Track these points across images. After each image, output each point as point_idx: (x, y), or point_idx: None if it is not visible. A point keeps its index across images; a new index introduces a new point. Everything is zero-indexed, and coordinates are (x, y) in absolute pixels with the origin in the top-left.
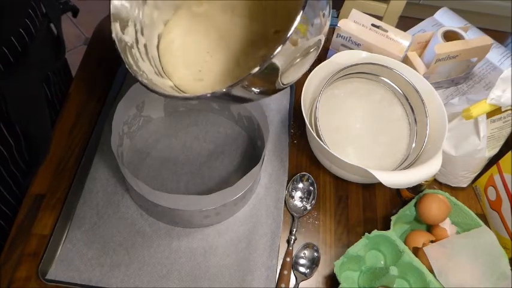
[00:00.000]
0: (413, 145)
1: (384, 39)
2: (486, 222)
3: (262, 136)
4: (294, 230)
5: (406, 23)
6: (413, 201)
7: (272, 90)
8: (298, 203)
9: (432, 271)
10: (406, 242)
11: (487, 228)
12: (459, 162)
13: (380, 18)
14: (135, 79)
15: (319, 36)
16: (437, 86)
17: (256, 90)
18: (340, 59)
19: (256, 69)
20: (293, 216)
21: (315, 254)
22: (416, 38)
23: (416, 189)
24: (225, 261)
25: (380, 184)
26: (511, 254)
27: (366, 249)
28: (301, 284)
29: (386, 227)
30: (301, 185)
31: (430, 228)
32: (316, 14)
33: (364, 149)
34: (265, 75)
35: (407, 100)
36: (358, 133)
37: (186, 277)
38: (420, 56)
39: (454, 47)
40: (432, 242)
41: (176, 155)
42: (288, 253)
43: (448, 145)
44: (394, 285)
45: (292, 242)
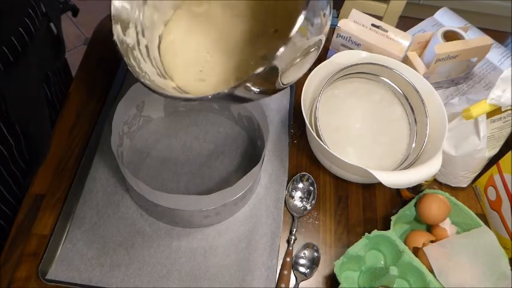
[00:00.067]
0: (413, 145)
1: (384, 39)
2: (486, 222)
3: (262, 136)
4: (294, 230)
5: (406, 23)
6: (413, 201)
7: (272, 90)
8: (298, 203)
9: (432, 271)
10: (406, 242)
11: (487, 228)
12: (459, 162)
13: (380, 18)
14: (136, 79)
15: (320, 36)
16: (437, 86)
17: (256, 90)
18: (340, 59)
19: (260, 69)
20: (293, 216)
21: (315, 254)
22: (416, 38)
23: (416, 189)
24: (225, 261)
25: (380, 184)
26: (511, 254)
27: (366, 249)
28: (301, 284)
29: (387, 227)
30: (301, 185)
31: (430, 228)
32: (316, 14)
33: (364, 149)
34: (265, 76)
35: (407, 100)
36: (358, 133)
37: (186, 277)
38: (420, 56)
39: (454, 47)
40: (432, 242)
41: (176, 155)
42: (288, 253)
43: (448, 145)
44: (394, 285)
45: (292, 242)
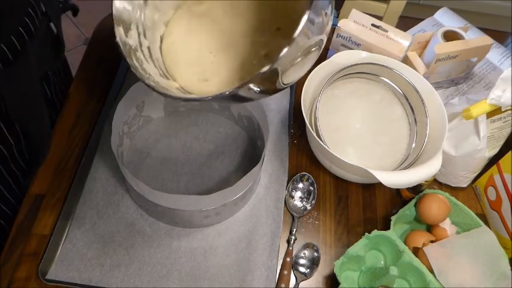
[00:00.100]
0: (413, 145)
1: (384, 39)
2: (486, 222)
3: (262, 136)
4: (294, 230)
5: (406, 23)
6: (413, 201)
7: (273, 90)
8: (298, 203)
9: (432, 271)
10: (406, 242)
11: (487, 228)
12: (459, 162)
13: (380, 18)
14: (136, 79)
15: (321, 36)
16: (437, 86)
17: (257, 90)
18: (340, 59)
19: (265, 68)
20: (293, 216)
21: (315, 254)
22: (416, 38)
23: (416, 189)
24: (225, 261)
25: (380, 184)
26: (511, 254)
27: (366, 249)
28: (301, 284)
29: (386, 227)
30: (301, 185)
31: (430, 228)
32: (318, 13)
33: (364, 149)
34: (267, 75)
35: (407, 100)
36: (358, 133)
37: (186, 277)
38: (420, 56)
39: (454, 47)
40: (432, 242)
41: (176, 155)
42: (288, 253)
43: (448, 145)
44: (394, 285)
45: (292, 242)
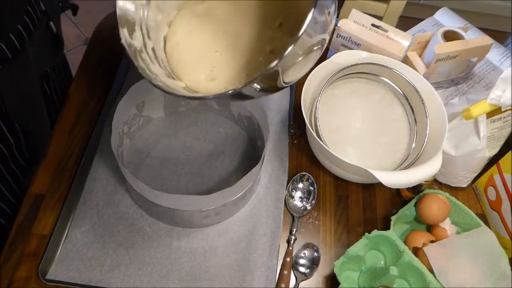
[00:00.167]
0: (413, 145)
1: (384, 39)
2: (486, 222)
3: (262, 136)
4: (294, 230)
5: (406, 23)
6: (413, 201)
7: (274, 88)
8: (298, 203)
9: (432, 271)
10: (406, 242)
11: (487, 228)
12: (459, 162)
13: (380, 18)
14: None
15: (323, 35)
16: (437, 86)
17: (258, 88)
18: (340, 59)
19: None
20: (293, 216)
21: (315, 254)
22: (416, 38)
23: (416, 189)
24: (225, 261)
25: (380, 184)
26: (511, 254)
27: (366, 249)
28: (301, 284)
29: (386, 227)
30: (301, 185)
31: (430, 228)
32: (321, 11)
33: (364, 149)
34: (269, 73)
35: (407, 100)
36: (358, 133)
37: (186, 277)
38: (420, 56)
39: (454, 47)
40: (432, 242)
41: (176, 155)
42: (288, 253)
43: (448, 145)
44: (394, 285)
45: (292, 242)
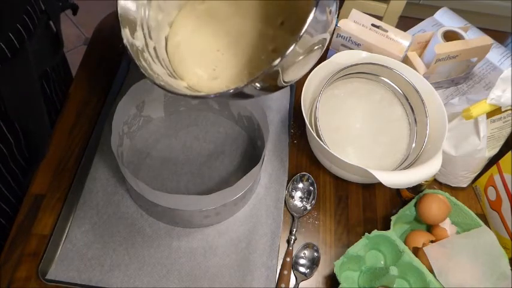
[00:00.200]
0: (413, 145)
1: (384, 39)
2: (486, 222)
3: (262, 136)
4: (294, 230)
5: (406, 23)
6: (413, 201)
7: (274, 87)
8: (298, 203)
9: (432, 271)
10: (406, 242)
11: (487, 228)
12: (459, 162)
13: (380, 18)
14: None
15: (324, 34)
16: (437, 86)
17: (259, 87)
18: (340, 59)
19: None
20: (293, 216)
21: (315, 254)
22: (416, 38)
23: (416, 189)
24: (225, 261)
25: (380, 184)
26: (511, 254)
27: (366, 249)
28: (301, 284)
29: (386, 227)
30: (301, 185)
31: (430, 228)
32: (323, 10)
33: (364, 149)
34: (270, 72)
35: (407, 100)
36: (358, 133)
37: (186, 277)
38: (420, 56)
39: (454, 47)
40: (432, 242)
41: (176, 155)
42: (288, 253)
43: (448, 145)
44: (394, 285)
45: (292, 242)
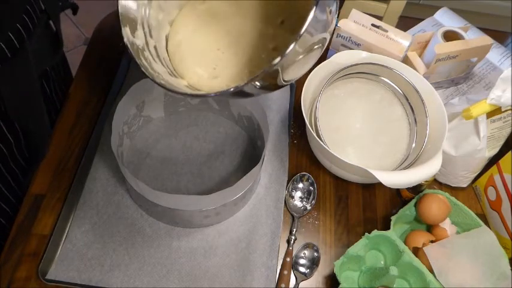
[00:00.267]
0: (413, 145)
1: (384, 39)
2: (486, 222)
3: (262, 136)
4: (294, 230)
5: (406, 23)
6: (413, 201)
7: (274, 86)
8: (298, 203)
9: (432, 271)
10: (406, 242)
11: (487, 228)
12: (459, 162)
13: (380, 18)
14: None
15: (324, 34)
16: (437, 86)
17: (259, 85)
18: (340, 59)
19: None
20: (293, 216)
21: (315, 254)
22: (416, 38)
23: (416, 189)
24: (225, 261)
25: (380, 184)
26: (511, 254)
27: (366, 249)
28: (301, 284)
29: (386, 227)
30: (301, 185)
31: (430, 228)
32: (323, 10)
33: (364, 149)
34: (270, 71)
35: (407, 100)
36: (358, 133)
37: (186, 277)
38: (420, 56)
39: (454, 47)
40: (432, 242)
41: (176, 155)
42: (288, 253)
43: (448, 145)
44: (394, 285)
45: (292, 242)
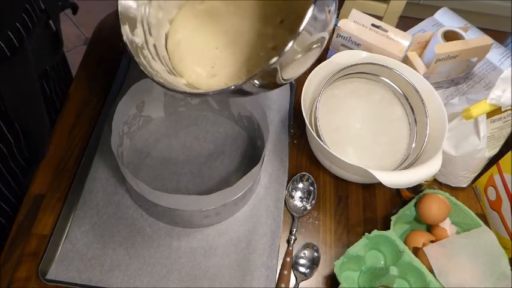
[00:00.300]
0: (413, 145)
1: (384, 39)
2: (486, 222)
3: (262, 136)
4: (294, 230)
5: (406, 23)
6: (413, 201)
7: (273, 84)
8: (298, 203)
9: (432, 271)
10: (406, 242)
11: (487, 228)
12: (459, 162)
13: (380, 18)
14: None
15: (323, 33)
16: (437, 86)
17: (258, 84)
18: (340, 59)
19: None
20: (293, 216)
21: (315, 254)
22: (416, 38)
23: (416, 189)
24: (225, 261)
25: (380, 184)
26: (511, 254)
27: (366, 249)
28: (301, 284)
29: (386, 227)
30: (301, 185)
31: (430, 228)
32: (321, 9)
33: (364, 149)
34: (269, 70)
35: (407, 100)
36: (358, 133)
37: (186, 277)
38: (420, 56)
39: (454, 47)
40: (432, 242)
41: (176, 155)
42: (288, 253)
43: (448, 145)
44: (394, 285)
45: (292, 242)
